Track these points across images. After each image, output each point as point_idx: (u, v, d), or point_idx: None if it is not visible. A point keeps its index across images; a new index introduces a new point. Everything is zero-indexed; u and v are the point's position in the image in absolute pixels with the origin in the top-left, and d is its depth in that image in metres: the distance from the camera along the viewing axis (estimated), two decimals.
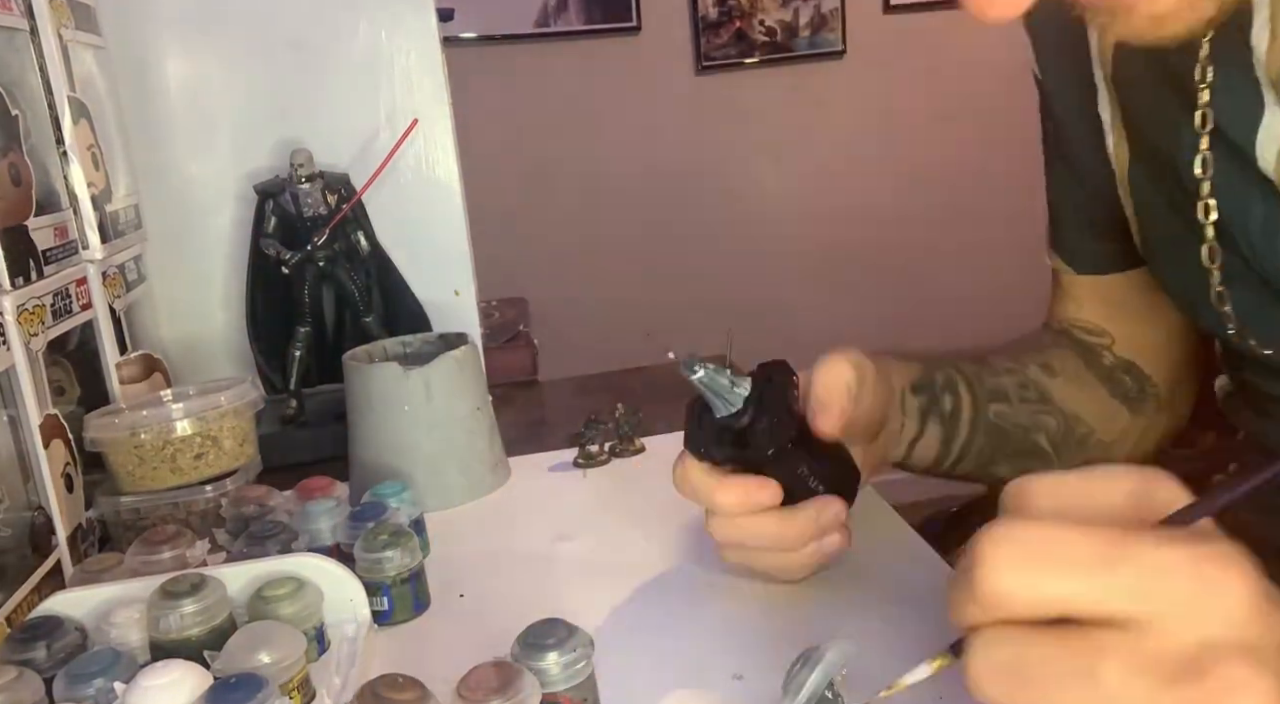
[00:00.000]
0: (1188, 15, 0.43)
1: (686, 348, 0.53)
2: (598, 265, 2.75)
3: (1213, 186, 0.58)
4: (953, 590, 0.34)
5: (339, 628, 0.57)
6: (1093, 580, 0.31)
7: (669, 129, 2.74)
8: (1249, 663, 0.30)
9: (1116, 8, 0.44)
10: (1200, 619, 0.31)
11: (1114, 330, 0.76)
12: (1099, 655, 0.31)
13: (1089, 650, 0.31)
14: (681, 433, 0.55)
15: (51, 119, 0.79)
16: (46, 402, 0.70)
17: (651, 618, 0.59)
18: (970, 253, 2.91)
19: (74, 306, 0.77)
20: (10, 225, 0.69)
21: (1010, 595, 0.32)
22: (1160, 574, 0.31)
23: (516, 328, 1.29)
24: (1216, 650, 0.30)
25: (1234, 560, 0.31)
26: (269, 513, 0.69)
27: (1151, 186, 0.64)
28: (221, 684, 0.44)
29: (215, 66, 1.01)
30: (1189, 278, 0.63)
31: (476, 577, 0.67)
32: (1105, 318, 0.76)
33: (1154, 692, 0.30)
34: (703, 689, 0.51)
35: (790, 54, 2.77)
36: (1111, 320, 0.76)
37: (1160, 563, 0.31)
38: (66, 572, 0.68)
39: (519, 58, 2.62)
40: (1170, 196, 0.62)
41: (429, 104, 1.03)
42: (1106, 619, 0.31)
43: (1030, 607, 0.32)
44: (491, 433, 0.83)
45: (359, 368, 0.79)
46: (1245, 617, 0.31)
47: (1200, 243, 0.60)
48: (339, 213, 0.95)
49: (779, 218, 2.85)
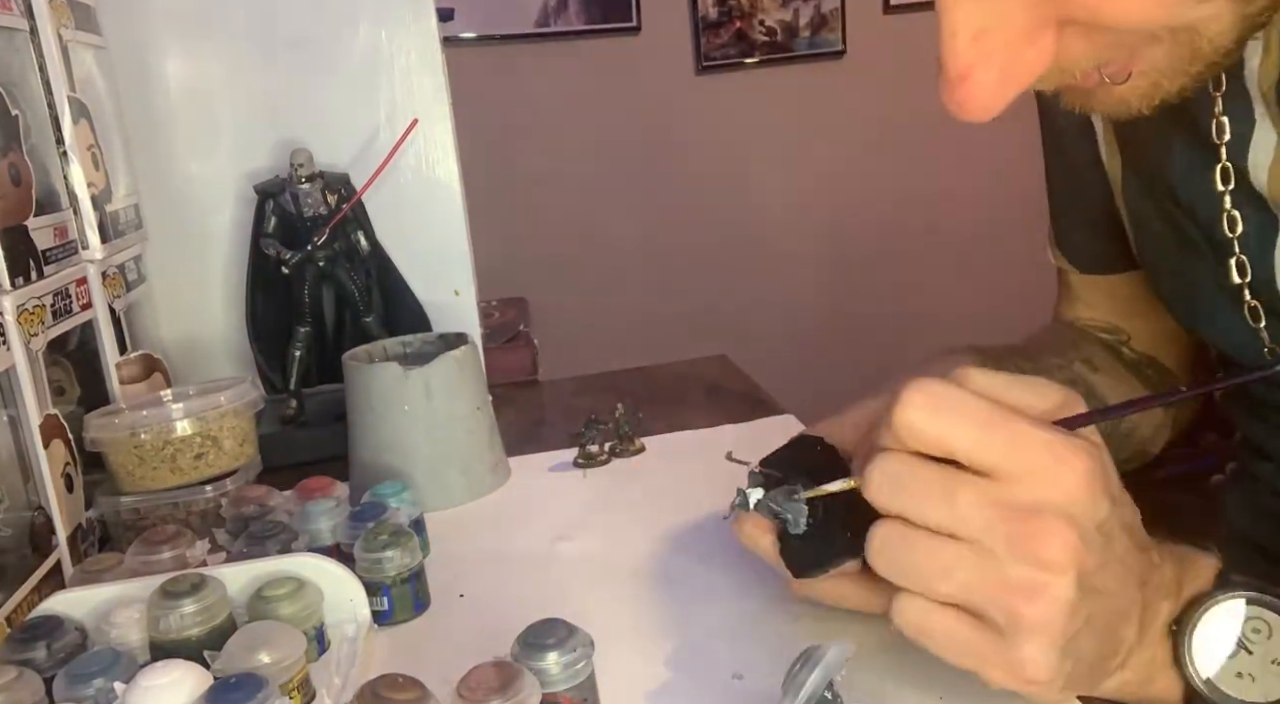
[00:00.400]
0: (1151, 95, 0.44)
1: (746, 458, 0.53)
2: (598, 265, 2.75)
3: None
4: (879, 424, 0.43)
5: (339, 628, 0.57)
6: (976, 433, 0.40)
7: (669, 129, 2.74)
8: (1066, 521, 0.39)
9: (1078, 92, 0.45)
10: (1044, 483, 0.39)
11: (1128, 327, 0.76)
12: (960, 486, 0.40)
13: (955, 482, 0.40)
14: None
15: (51, 119, 0.79)
16: (46, 402, 0.70)
17: (651, 618, 0.59)
18: (970, 253, 2.91)
19: (74, 306, 0.77)
20: (10, 225, 0.69)
21: (910, 429, 0.41)
22: (1026, 443, 0.40)
23: (516, 328, 1.29)
24: (1046, 507, 0.39)
25: (1086, 452, 0.40)
26: (269, 513, 0.69)
27: (1146, 198, 0.64)
28: (221, 684, 0.44)
29: (215, 66, 1.01)
30: (1178, 284, 0.63)
31: (476, 577, 0.67)
32: (1117, 315, 0.76)
33: (991, 522, 0.39)
34: (703, 689, 0.51)
35: (790, 54, 2.78)
36: (1124, 317, 0.76)
37: (1029, 436, 0.40)
38: (66, 572, 0.68)
39: (519, 58, 2.62)
40: (1162, 208, 0.62)
41: (429, 104, 1.03)
42: (977, 466, 0.40)
43: (925, 442, 0.41)
44: (491, 433, 0.83)
45: (359, 368, 0.79)
46: (1079, 491, 0.40)
47: (1196, 256, 0.60)
48: (339, 213, 0.95)
49: (779, 217, 2.85)
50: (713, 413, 0.96)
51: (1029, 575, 0.39)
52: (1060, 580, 0.39)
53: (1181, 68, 0.42)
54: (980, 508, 0.39)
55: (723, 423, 0.92)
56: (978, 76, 0.40)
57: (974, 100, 0.40)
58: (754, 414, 0.94)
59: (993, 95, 0.40)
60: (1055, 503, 0.39)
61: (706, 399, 1.03)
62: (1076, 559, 0.39)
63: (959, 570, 0.40)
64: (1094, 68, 0.43)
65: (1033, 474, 0.39)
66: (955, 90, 0.41)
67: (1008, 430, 0.40)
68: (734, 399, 1.02)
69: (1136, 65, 0.43)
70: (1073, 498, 0.39)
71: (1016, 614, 0.39)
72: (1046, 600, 0.39)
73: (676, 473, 0.82)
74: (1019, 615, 0.39)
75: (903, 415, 0.41)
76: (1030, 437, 0.40)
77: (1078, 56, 0.41)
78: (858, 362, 2.85)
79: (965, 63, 0.40)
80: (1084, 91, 0.45)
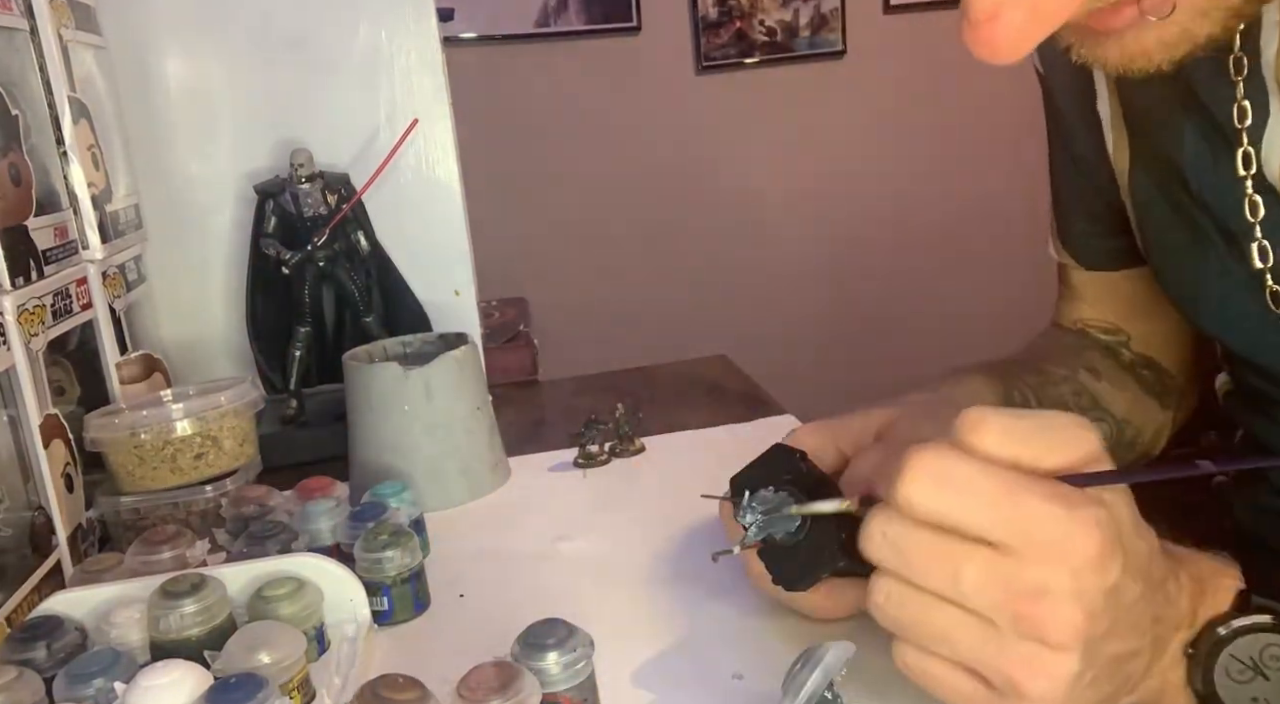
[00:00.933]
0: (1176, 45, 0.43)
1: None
2: (598, 265, 2.75)
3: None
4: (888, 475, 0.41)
5: (339, 628, 0.57)
6: (983, 512, 0.38)
7: (669, 129, 2.74)
8: (1073, 600, 0.38)
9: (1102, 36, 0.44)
10: (1052, 561, 0.38)
11: (1129, 327, 0.76)
12: (965, 559, 0.38)
13: (959, 553, 0.38)
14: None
15: (51, 119, 0.79)
16: (46, 402, 0.70)
17: (651, 618, 0.59)
18: (970, 253, 2.91)
19: (74, 306, 0.77)
20: (10, 225, 0.69)
21: (911, 502, 0.39)
22: (1036, 522, 0.38)
23: (516, 328, 1.29)
24: (1053, 586, 0.38)
25: (1096, 523, 0.38)
26: (269, 513, 0.69)
27: (1154, 189, 0.64)
28: (221, 684, 0.44)
29: (215, 66, 1.01)
30: (1187, 278, 0.63)
31: (476, 577, 0.67)
32: (1119, 315, 0.76)
33: (996, 601, 0.38)
34: (703, 689, 0.51)
35: (790, 54, 2.78)
36: (1125, 317, 0.76)
37: (1038, 514, 0.38)
38: (66, 572, 0.68)
39: (519, 58, 2.62)
40: (1172, 198, 0.62)
41: (429, 104, 1.03)
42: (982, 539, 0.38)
43: (927, 516, 0.39)
44: (491, 433, 0.83)
45: (359, 368, 0.79)
46: (1086, 566, 0.38)
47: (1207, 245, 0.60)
48: (339, 213, 0.95)
49: (779, 217, 2.85)
50: (713, 413, 0.96)
51: (1032, 652, 0.38)
52: (1065, 657, 0.38)
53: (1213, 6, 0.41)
54: (985, 586, 0.38)
55: (723, 423, 0.92)
56: (1005, 15, 0.38)
57: (1001, 39, 0.39)
58: (754, 414, 0.94)
59: (1018, 36, 0.39)
60: (1062, 581, 0.38)
61: (706, 399, 1.03)
62: (1082, 636, 0.38)
63: (961, 639, 0.39)
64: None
65: (1040, 552, 0.38)
66: (981, 29, 0.39)
67: (1015, 508, 0.38)
68: (734, 399, 1.02)
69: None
70: (1080, 574, 0.38)
71: (1017, 687, 0.38)
72: (1048, 677, 0.38)
73: (676, 473, 0.82)
74: (1020, 688, 0.38)
75: (905, 491, 0.39)
76: (1039, 514, 0.38)
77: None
78: (858, 361, 2.85)
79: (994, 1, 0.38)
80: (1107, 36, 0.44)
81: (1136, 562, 0.40)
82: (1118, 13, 0.42)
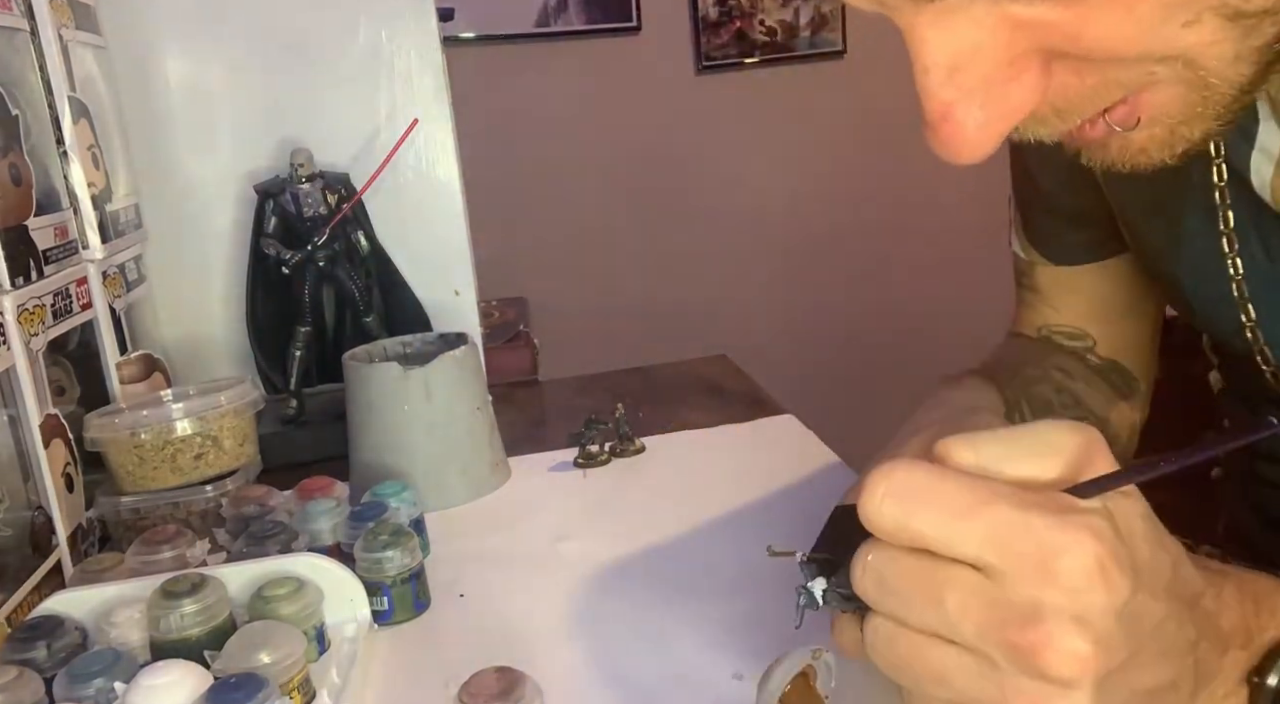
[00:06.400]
0: (1171, 144, 0.41)
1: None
2: (598, 265, 2.74)
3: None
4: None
5: (339, 628, 0.57)
6: (950, 525, 0.34)
7: (669, 129, 2.74)
8: (1072, 625, 0.33)
9: (1091, 144, 0.42)
10: (1038, 579, 0.33)
11: (1094, 331, 0.75)
12: (947, 586, 0.34)
13: (941, 580, 0.34)
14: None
15: (51, 119, 0.79)
16: (46, 402, 0.70)
17: (652, 618, 0.59)
18: (970, 252, 2.91)
19: (74, 306, 0.77)
20: (10, 225, 0.69)
21: (877, 523, 0.35)
22: (1011, 532, 0.33)
23: (516, 328, 1.29)
24: (1046, 609, 0.33)
25: (1090, 532, 0.33)
26: (269, 513, 0.69)
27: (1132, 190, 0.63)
28: (221, 684, 0.44)
29: (215, 66, 1.01)
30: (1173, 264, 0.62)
31: (476, 577, 0.67)
32: (1084, 317, 0.75)
33: (984, 628, 0.33)
34: (703, 689, 0.51)
35: (790, 54, 2.77)
36: (1090, 319, 0.75)
37: (1013, 523, 0.33)
38: (67, 571, 0.68)
39: (519, 58, 2.62)
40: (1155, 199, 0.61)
41: (429, 104, 1.03)
42: (960, 560, 0.34)
43: (894, 536, 0.35)
44: (491, 433, 0.83)
45: (359, 368, 0.79)
46: (1084, 584, 0.33)
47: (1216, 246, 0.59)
48: (339, 213, 0.95)
49: (779, 217, 2.85)
50: (713, 413, 0.96)
51: (1036, 689, 0.33)
52: (1074, 695, 0.33)
53: (1196, 111, 0.39)
54: (970, 611, 0.34)
55: (723, 423, 0.92)
56: (958, 115, 0.37)
57: (959, 140, 0.38)
58: (754, 414, 0.94)
59: (978, 135, 0.37)
60: (1056, 602, 0.33)
61: (706, 399, 1.03)
62: (1091, 668, 0.33)
63: (957, 679, 0.35)
64: (1096, 112, 0.40)
65: (1022, 569, 0.33)
66: (938, 131, 0.38)
67: (987, 518, 0.34)
68: (734, 399, 1.02)
69: (1144, 111, 0.39)
70: (1077, 593, 0.33)
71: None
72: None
73: (676, 473, 0.82)
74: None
75: (868, 510, 0.35)
76: (1014, 523, 0.33)
77: (1072, 97, 0.39)
78: (858, 361, 2.85)
79: (943, 101, 0.37)
80: (1098, 143, 0.42)
81: (1155, 577, 0.35)
82: (1093, 126, 0.41)
